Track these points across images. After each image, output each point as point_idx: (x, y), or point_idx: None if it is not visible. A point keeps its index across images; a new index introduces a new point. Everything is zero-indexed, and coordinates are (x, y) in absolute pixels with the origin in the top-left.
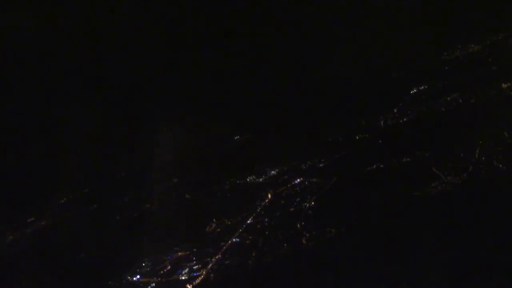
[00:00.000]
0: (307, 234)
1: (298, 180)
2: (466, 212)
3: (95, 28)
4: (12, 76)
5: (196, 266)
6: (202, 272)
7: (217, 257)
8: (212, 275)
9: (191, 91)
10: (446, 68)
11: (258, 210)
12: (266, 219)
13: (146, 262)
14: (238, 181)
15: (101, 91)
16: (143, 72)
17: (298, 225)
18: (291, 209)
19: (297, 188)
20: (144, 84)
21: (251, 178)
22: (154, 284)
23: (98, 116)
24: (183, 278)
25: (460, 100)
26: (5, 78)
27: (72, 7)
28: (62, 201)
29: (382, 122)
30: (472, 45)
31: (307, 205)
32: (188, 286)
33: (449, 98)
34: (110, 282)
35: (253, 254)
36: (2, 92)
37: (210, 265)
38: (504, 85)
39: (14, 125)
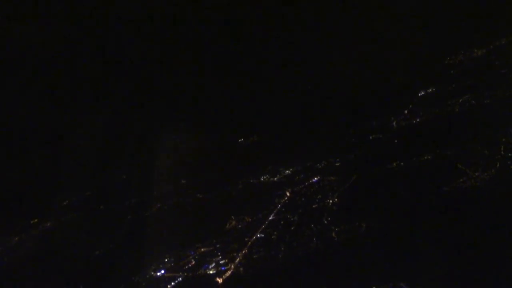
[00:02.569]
0: (336, 229)
1: (316, 178)
2: (501, 205)
3: (98, 31)
4: (16, 81)
5: (223, 261)
6: (231, 267)
7: (243, 252)
8: (241, 269)
9: (196, 94)
10: (452, 72)
11: (278, 207)
12: (288, 216)
13: (168, 258)
14: (251, 181)
15: (107, 92)
16: (150, 73)
17: (325, 221)
18: (314, 206)
19: (316, 186)
20: (151, 86)
21: (265, 177)
22: (180, 279)
23: (103, 118)
24: (211, 272)
25: (474, 102)
26: (10, 82)
27: (76, 11)
28: (65, 203)
29: (394, 123)
30: (475, 50)
31: (331, 201)
32: (218, 279)
33: (461, 100)
34: (133, 278)
35: (282, 249)
36: (7, 96)
37: (238, 259)
38: None
39: (18, 129)
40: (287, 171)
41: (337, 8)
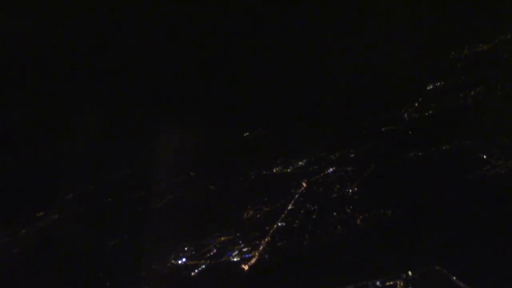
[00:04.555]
0: (361, 216)
1: (331, 169)
2: None
3: (98, 28)
4: (20, 79)
5: (246, 249)
6: (255, 254)
7: (266, 240)
8: (266, 256)
9: (198, 88)
10: (459, 65)
11: (296, 197)
12: (308, 205)
13: (188, 247)
14: (263, 172)
15: (111, 84)
16: (155, 68)
17: (347, 209)
18: (334, 195)
19: (333, 177)
20: (157, 82)
21: (277, 169)
22: (204, 266)
23: (108, 111)
24: (235, 259)
25: (487, 94)
26: (15, 80)
27: (74, 8)
28: (69, 197)
29: (406, 115)
30: (481, 44)
31: (350, 190)
32: (243, 266)
33: (473, 92)
34: (153, 266)
35: (306, 236)
36: (12, 92)
37: (262, 247)
38: None
39: (22, 122)
40: (300, 163)
41: (347, 4)
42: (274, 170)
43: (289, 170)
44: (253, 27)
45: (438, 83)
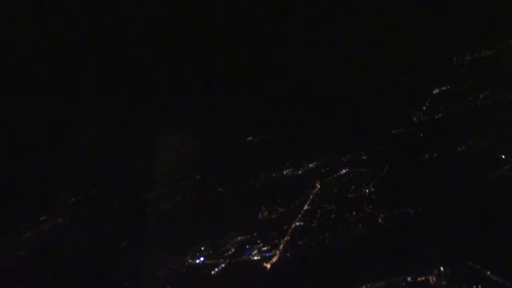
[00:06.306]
0: (382, 215)
1: (344, 171)
2: None
3: (98, 31)
4: (24, 83)
5: (266, 248)
6: (275, 253)
7: (286, 239)
8: (288, 254)
9: (200, 93)
10: (463, 70)
11: (311, 197)
12: (324, 205)
13: (204, 247)
14: (274, 174)
15: (115, 87)
16: (159, 74)
17: (367, 209)
18: (350, 196)
19: (347, 178)
20: (157, 88)
21: (287, 171)
22: (224, 265)
23: (112, 115)
24: (255, 258)
25: (495, 96)
26: (17, 83)
27: (74, 10)
28: (71, 200)
29: (415, 118)
30: (483, 50)
31: (367, 191)
32: (265, 264)
33: (481, 96)
34: (170, 265)
35: (327, 235)
36: (15, 97)
37: (282, 246)
38: None
39: (24, 127)
40: (310, 165)
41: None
42: (285, 172)
43: (300, 172)
44: (259, 31)
45: (444, 88)
